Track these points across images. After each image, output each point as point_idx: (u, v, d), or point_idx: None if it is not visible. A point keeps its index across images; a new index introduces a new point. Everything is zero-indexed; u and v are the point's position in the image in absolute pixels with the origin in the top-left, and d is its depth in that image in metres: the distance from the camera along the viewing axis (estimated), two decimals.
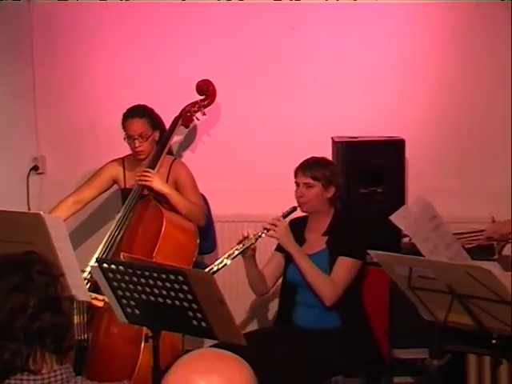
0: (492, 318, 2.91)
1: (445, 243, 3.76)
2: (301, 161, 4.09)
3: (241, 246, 3.90)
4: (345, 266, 3.97)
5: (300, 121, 5.06)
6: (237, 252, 3.89)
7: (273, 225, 3.94)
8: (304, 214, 4.11)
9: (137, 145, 4.49)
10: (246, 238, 3.91)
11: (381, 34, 5.04)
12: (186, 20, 5.09)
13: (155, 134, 4.55)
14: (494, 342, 2.99)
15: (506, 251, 4.39)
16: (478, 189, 4.99)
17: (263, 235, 3.93)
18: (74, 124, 5.18)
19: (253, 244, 3.92)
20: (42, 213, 3.44)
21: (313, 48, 5.07)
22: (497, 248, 4.26)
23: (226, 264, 3.85)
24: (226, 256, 3.88)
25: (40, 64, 5.18)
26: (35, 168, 5.16)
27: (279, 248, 4.11)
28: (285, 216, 4.02)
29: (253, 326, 4.98)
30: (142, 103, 4.58)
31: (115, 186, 4.70)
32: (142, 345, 3.95)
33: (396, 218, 3.63)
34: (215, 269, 3.78)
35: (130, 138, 4.51)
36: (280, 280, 4.17)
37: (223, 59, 5.08)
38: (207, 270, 3.76)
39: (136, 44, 5.12)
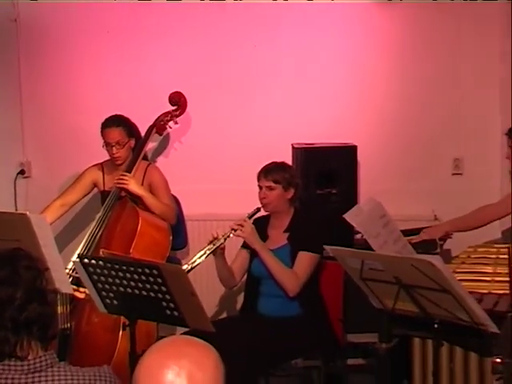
0: (434, 305, 2.92)
1: (393, 239, 3.78)
2: (262, 165, 4.09)
3: (211, 245, 3.90)
4: (305, 260, 3.98)
5: (263, 129, 5.06)
6: (208, 252, 3.89)
7: (240, 225, 3.94)
8: (266, 213, 4.13)
9: (114, 151, 4.48)
10: (216, 238, 3.91)
11: (334, 53, 5.07)
12: (160, 37, 5.08)
13: (131, 142, 4.54)
14: (436, 326, 3.00)
15: (447, 246, 4.44)
16: (422, 190, 5.04)
17: (231, 235, 3.94)
18: (57, 131, 5.14)
19: (222, 243, 3.92)
20: (28, 213, 3.41)
21: (274, 65, 5.08)
22: (439, 243, 4.29)
23: (199, 263, 3.84)
24: (198, 256, 3.86)
25: (26, 77, 5.13)
26: (22, 172, 5.12)
27: (244, 245, 4.11)
28: (250, 217, 4.02)
29: (221, 315, 4.98)
30: (118, 113, 4.55)
31: (95, 189, 4.68)
32: (120, 332, 3.94)
33: (349, 216, 3.64)
34: (189, 268, 3.78)
35: (108, 145, 4.49)
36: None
37: (194, 73, 5.07)
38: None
39: (115, 58, 5.09)
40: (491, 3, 4.91)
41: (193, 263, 3.81)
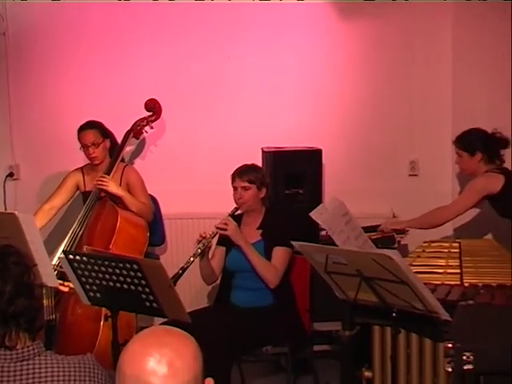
0: (393, 295, 2.93)
1: (355, 235, 3.79)
2: (235, 167, 4.09)
3: (201, 244, 3.91)
4: (281, 254, 4.00)
5: (234, 134, 5.07)
6: (200, 250, 3.91)
7: (224, 224, 3.95)
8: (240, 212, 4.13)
9: (91, 151, 4.48)
10: (204, 237, 3.92)
11: (300, 64, 5.08)
12: (135, 49, 5.07)
13: (106, 142, 4.54)
14: (394, 315, 3.01)
15: (404, 241, 4.47)
16: (381, 189, 5.06)
17: (217, 233, 3.95)
18: (43, 137, 5.12)
19: (210, 242, 3.93)
20: (16, 212, 3.38)
21: (244, 74, 5.09)
22: (397, 238, 4.32)
23: (193, 261, 3.86)
24: (191, 255, 3.89)
25: (14, 88, 5.11)
26: (11, 174, 5.10)
27: (219, 242, 4.12)
28: (231, 215, 4.03)
29: (196, 306, 4.96)
30: (92, 119, 4.56)
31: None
32: (102, 323, 3.93)
33: (315, 214, 3.64)
34: (185, 266, 3.80)
35: (84, 146, 4.49)
36: None
37: (167, 81, 5.06)
38: (180, 268, 3.81)
39: (94, 69, 5.08)
40: (443, 11, 4.96)
41: (187, 263, 3.83)
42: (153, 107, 4.85)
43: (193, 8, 5.01)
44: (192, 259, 3.87)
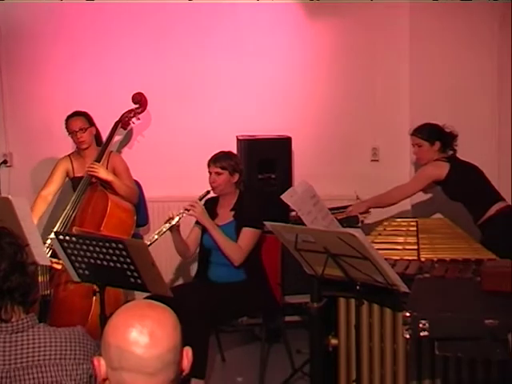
0: (356, 270, 2.95)
1: (322, 215, 3.81)
2: (212, 154, 4.09)
3: (168, 224, 3.89)
4: (248, 235, 3.99)
5: (212, 123, 5.04)
6: (165, 229, 3.88)
7: (192, 206, 3.93)
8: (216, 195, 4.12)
9: (79, 136, 4.45)
10: (172, 218, 3.90)
11: (270, 61, 5.06)
12: (123, 47, 5.01)
13: (92, 128, 4.51)
14: (357, 288, 3.03)
15: (367, 220, 4.49)
16: (346, 174, 5.08)
17: (184, 214, 3.92)
18: (34, 127, 5.05)
19: (177, 222, 3.91)
20: (10, 196, 3.34)
21: (221, 70, 5.06)
22: (360, 218, 4.34)
23: (157, 239, 3.83)
24: (156, 233, 3.86)
25: (6, 80, 5.02)
26: (4, 162, 5.01)
27: (197, 222, 4.11)
28: (200, 199, 4.02)
29: (177, 282, 4.97)
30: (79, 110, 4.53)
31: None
32: (94, 299, 3.90)
33: (285, 197, 3.64)
34: (149, 243, 3.75)
35: (73, 132, 4.46)
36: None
37: (153, 77, 5.02)
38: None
39: (85, 64, 5.01)
40: (401, 9, 4.95)
41: (152, 239, 3.79)
42: (139, 100, 4.83)
43: (173, 9, 4.97)
44: (156, 237, 3.84)
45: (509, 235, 3.94)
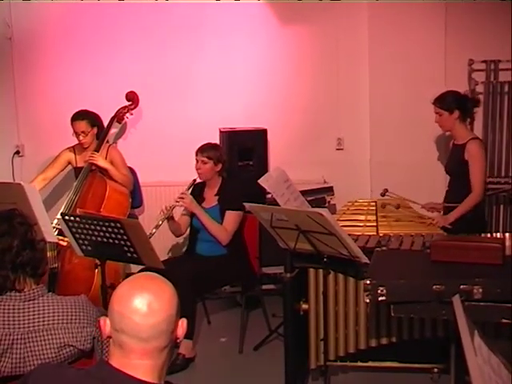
0: (324, 244, 2.97)
1: (294, 197, 3.80)
2: (199, 145, 4.08)
3: (162, 217, 3.92)
4: (231, 217, 4.02)
5: (197, 117, 5.01)
6: (161, 222, 3.91)
7: (181, 198, 3.95)
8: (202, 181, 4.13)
9: (81, 138, 4.41)
10: (164, 211, 3.93)
11: (247, 60, 5.02)
12: (118, 48, 4.97)
13: (94, 130, 4.45)
14: (325, 260, 3.06)
15: (333, 201, 4.51)
16: (315, 161, 5.07)
17: (176, 206, 3.95)
18: (43, 121, 5.01)
19: (170, 214, 3.92)
20: (22, 183, 3.34)
21: (206, 69, 5.03)
22: (327, 199, 4.35)
23: (155, 232, 3.84)
24: (154, 227, 3.88)
25: (19, 79, 4.97)
26: (17, 152, 5.01)
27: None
28: (188, 189, 4.04)
29: (168, 256, 4.97)
30: (83, 108, 4.46)
31: (69, 166, 4.60)
32: (96, 271, 3.89)
33: (262, 181, 3.63)
34: (149, 236, 3.75)
35: (76, 133, 4.42)
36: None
37: (144, 77, 4.99)
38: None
39: (86, 65, 4.97)
40: (360, 10, 4.92)
41: (151, 233, 3.77)
42: (132, 98, 4.81)
43: (158, 8, 4.91)
44: (154, 231, 3.85)
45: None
